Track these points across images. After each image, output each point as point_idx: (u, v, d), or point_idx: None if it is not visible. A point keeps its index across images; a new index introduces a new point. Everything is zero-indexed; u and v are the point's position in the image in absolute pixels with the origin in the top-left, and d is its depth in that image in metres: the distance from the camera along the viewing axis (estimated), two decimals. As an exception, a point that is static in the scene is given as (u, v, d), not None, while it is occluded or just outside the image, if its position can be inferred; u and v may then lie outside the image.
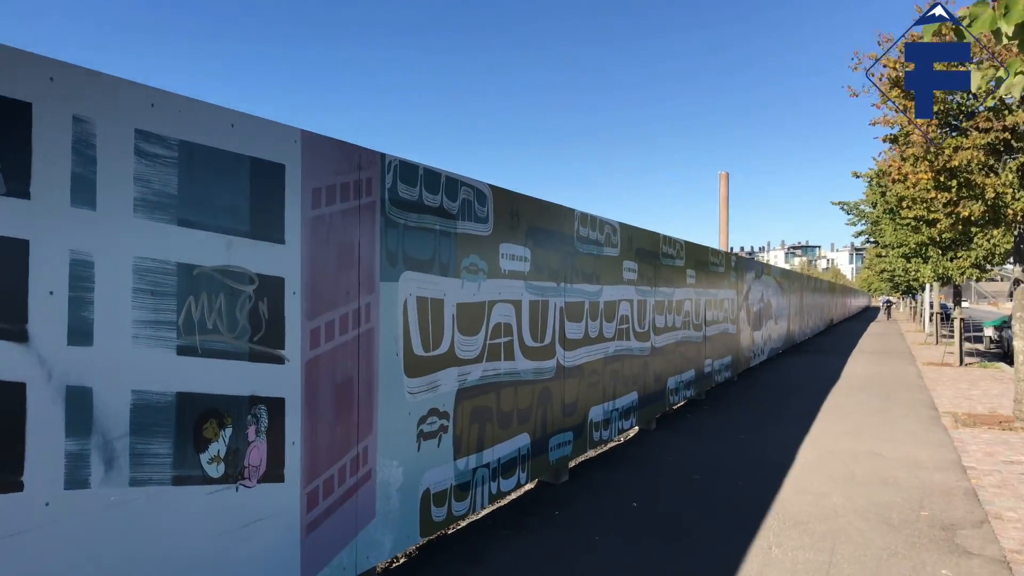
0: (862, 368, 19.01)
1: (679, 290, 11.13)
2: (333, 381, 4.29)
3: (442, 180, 5.35)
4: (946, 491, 7.14)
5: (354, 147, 4.51)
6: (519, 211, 6.45)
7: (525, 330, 6.51)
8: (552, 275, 7.03)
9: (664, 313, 10.40)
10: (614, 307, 8.56)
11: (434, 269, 5.22)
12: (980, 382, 16.12)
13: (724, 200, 29.48)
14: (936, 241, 19.09)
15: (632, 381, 9.18)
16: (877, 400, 13.17)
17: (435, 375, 5.24)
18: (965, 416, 11.42)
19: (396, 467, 4.83)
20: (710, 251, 13.12)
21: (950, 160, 9.71)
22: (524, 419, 6.53)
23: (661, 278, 10.27)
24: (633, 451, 8.84)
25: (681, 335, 11.24)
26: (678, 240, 11.17)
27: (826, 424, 10.67)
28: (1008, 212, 9.80)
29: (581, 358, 7.67)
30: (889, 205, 21.16)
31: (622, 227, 8.86)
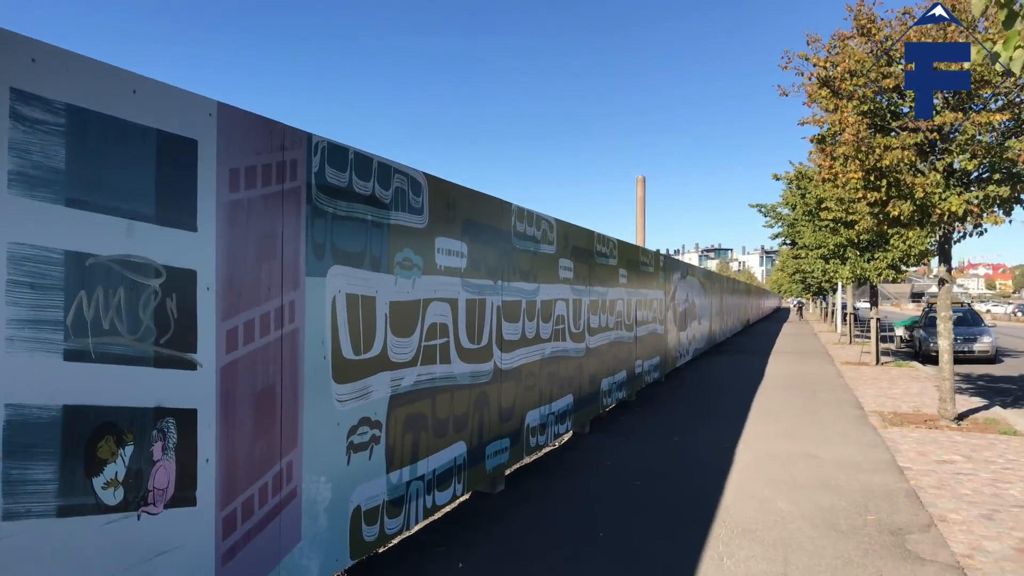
0: (784, 368, 19.23)
1: (612, 290, 10.87)
2: (253, 389, 3.78)
3: (374, 166, 4.88)
4: (888, 493, 7.03)
5: (278, 124, 4.00)
6: (455, 203, 6.02)
7: (462, 331, 6.08)
8: (489, 272, 6.63)
9: (598, 313, 10.12)
10: (551, 307, 8.21)
11: (365, 263, 4.75)
12: (899, 381, 16.47)
13: (641, 203, 29.71)
14: (854, 242, 19.50)
15: (568, 383, 8.85)
16: (804, 400, 13.22)
17: (366, 381, 4.76)
18: (892, 415, 11.52)
19: (324, 483, 4.34)
20: (641, 251, 12.94)
21: (880, 160, 9.72)
22: (460, 426, 6.10)
23: (595, 277, 9.98)
24: (570, 457, 8.51)
25: (614, 336, 10.99)
26: (611, 239, 10.92)
27: (758, 425, 10.57)
28: (936, 212, 9.88)
29: (518, 360, 7.29)
30: (809, 207, 21.55)
31: (558, 224, 8.52)
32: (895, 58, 10.21)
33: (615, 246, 11.07)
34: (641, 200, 29.34)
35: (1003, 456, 8.69)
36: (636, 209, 28.48)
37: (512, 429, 7.18)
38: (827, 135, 11.56)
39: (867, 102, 10.14)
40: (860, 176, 10.13)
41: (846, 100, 10.32)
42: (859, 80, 10.09)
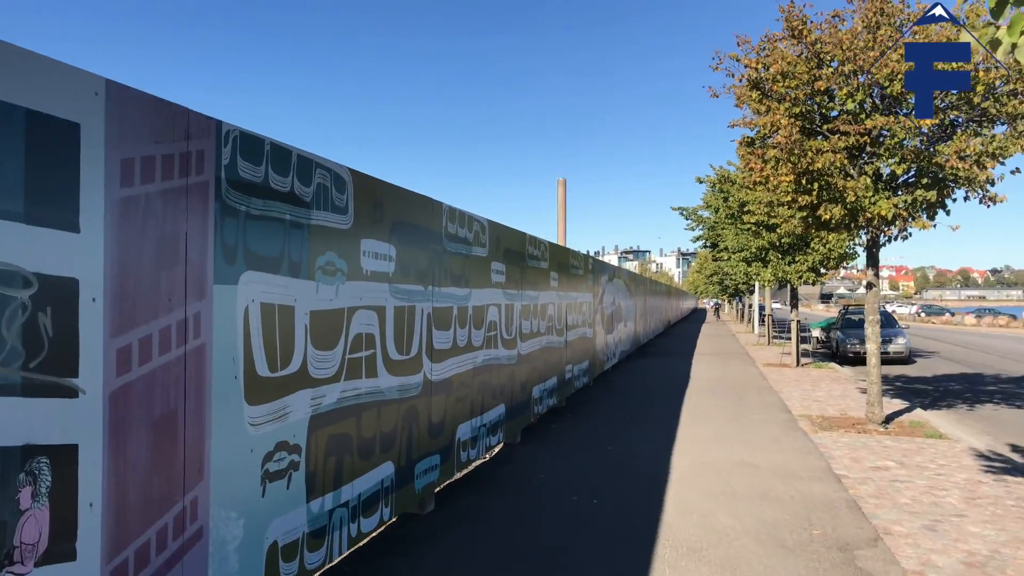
0: (708, 370, 19.29)
1: (544, 293, 10.52)
2: (149, 417, 3.24)
3: (293, 159, 4.36)
4: (829, 505, 6.85)
5: (181, 109, 3.46)
6: (383, 202, 5.53)
7: (390, 341, 5.60)
8: (419, 277, 6.16)
9: (530, 318, 9.75)
10: (483, 312, 7.78)
11: (283, 269, 4.23)
12: (821, 383, 16.65)
13: (562, 205, 29.64)
14: (776, 245, 19.71)
15: (500, 393, 8.44)
16: (732, 403, 13.15)
17: (284, 400, 4.24)
18: (820, 419, 11.51)
19: (235, 520, 3.81)
20: (571, 253, 12.64)
21: (812, 163, 9.64)
22: (388, 445, 5.61)
23: (527, 281, 9.61)
24: (502, 471, 8.09)
25: (545, 341, 10.64)
26: (543, 241, 10.57)
27: (691, 431, 10.38)
28: (865, 216, 9.86)
29: (449, 370, 6.83)
30: (731, 210, 21.71)
31: (491, 225, 8.10)
32: (826, 61, 10.17)
33: (547, 249, 10.73)
34: (562, 202, 29.23)
35: (934, 461, 8.68)
36: (557, 211, 28.34)
37: (443, 445, 6.72)
38: (757, 138, 11.49)
39: (799, 104, 10.05)
40: (792, 179, 10.04)
41: (778, 102, 10.22)
42: (791, 82, 10.00)
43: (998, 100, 9.36)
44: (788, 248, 19.87)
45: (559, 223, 28.53)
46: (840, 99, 9.94)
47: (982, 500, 7.02)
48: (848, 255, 19.33)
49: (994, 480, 7.79)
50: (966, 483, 7.67)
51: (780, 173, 10.11)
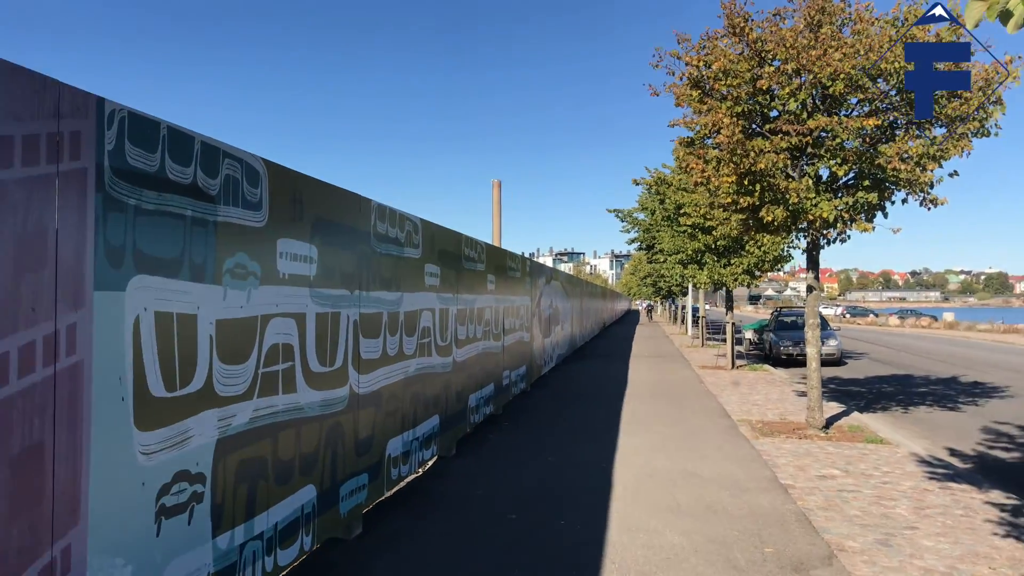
0: (646, 373, 19.10)
1: (480, 297, 10.06)
2: (6, 454, 2.66)
3: (196, 147, 3.81)
4: (779, 519, 6.56)
5: (51, 81, 2.90)
6: (303, 197, 4.99)
7: (311, 352, 5.06)
8: (345, 281, 5.63)
9: (466, 323, 9.27)
10: (415, 318, 7.28)
11: (183, 272, 3.68)
12: (757, 386, 16.59)
13: (497, 206, 29.38)
14: (712, 248, 19.65)
15: (434, 403, 7.94)
16: (672, 409, 12.91)
17: (184, 423, 3.68)
18: (760, 424, 11.33)
19: (122, 567, 3.24)
20: (508, 255, 12.22)
21: (755, 164, 9.41)
22: (309, 467, 5.07)
23: (463, 284, 9.14)
24: (436, 486, 7.60)
25: (482, 346, 10.18)
26: (480, 242, 10.11)
27: (632, 439, 10.05)
28: (807, 218, 9.68)
29: (379, 382, 6.32)
30: (668, 212, 21.62)
31: (424, 225, 7.61)
32: (767, 59, 9.96)
33: (483, 250, 10.27)
34: (497, 203, 28.99)
35: (878, 468, 8.51)
36: (492, 213, 28.03)
37: (371, 463, 6.20)
38: (697, 137, 11.23)
39: (741, 103, 9.82)
40: (734, 180, 9.80)
41: (719, 101, 9.97)
42: (733, 80, 9.76)
43: (937, 102, 9.28)
44: (724, 250, 19.84)
45: (494, 225, 28.20)
46: (782, 99, 9.74)
47: (931, 510, 6.83)
48: (782, 258, 19.41)
49: (939, 488, 7.64)
50: (913, 492, 7.49)
51: (722, 174, 9.86)
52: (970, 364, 23.35)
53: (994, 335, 40.99)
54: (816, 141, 9.79)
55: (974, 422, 12.32)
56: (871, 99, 9.54)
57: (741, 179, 9.79)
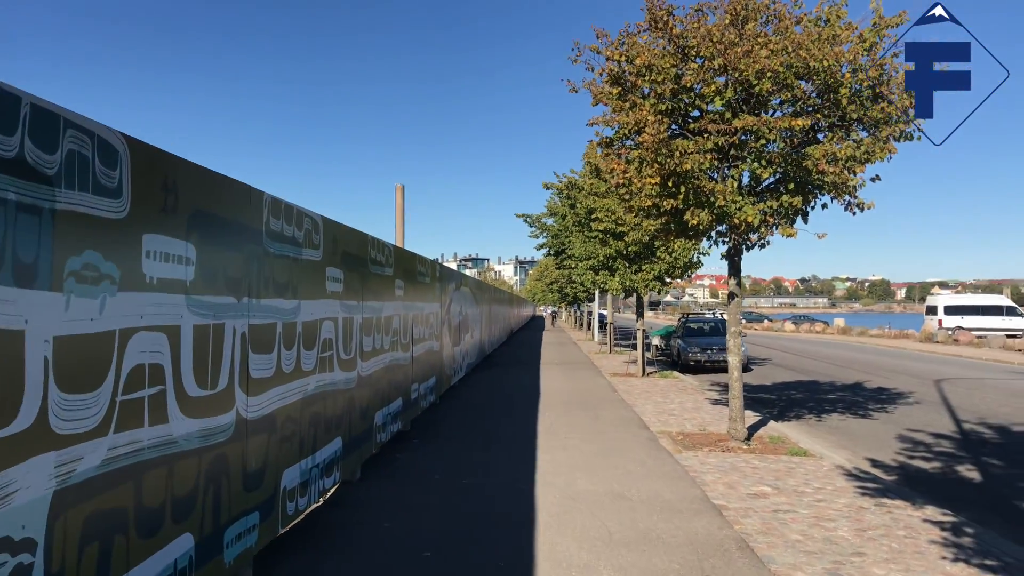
0: (558, 382, 18.59)
1: (388, 304, 9.24)
2: None
3: (24, 111, 2.92)
4: (719, 547, 6.02)
5: None
6: (177, 184, 4.12)
7: (186, 373, 4.18)
8: (231, 287, 4.76)
9: (372, 333, 8.44)
10: (315, 329, 6.42)
11: (2, 275, 2.79)
12: (670, 394, 16.28)
13: (400, 211, 28.63)
14: (623, 254, 19.35)
15: (336, 424, 7.09)
16: (588, 420, 12.37)
17: (5, 475, 2.79)
18: (680, 436, 10.90)
19: None
20: (418, 259, 11.43)
21: (680, 164, 8.94)
22: (185, 512, 4.18)
23: (369, 290, 8.31)
24: (340, 518, 6.75)
25: (389, 358, 9.35)
26: (387, 244, 9.29)
27: (551, 455, 9.42)
28: (733, 221, 9.27)
29: (272, 404, 5.45)
30: (579, 217, 21.22)
31: (326, 224, 6.76)
32: (691, 56, 9.53)
33: (391, 253, 9.46)
34: (400, 208, 28.28)
35: (808, 484, 8.14)
36: (396, 218, 27.21)
37: (264, 498, 5.33)
38: (616, 137, 10.70)
39: (665, 101, 9.35)
40: (658, 182, 9.31)
41: (643, 98, 9.48)
42: (657, 76, 9.27)
43: (862, 104, 9.04)
44: (635, 256, 19.57)
45: (397, 230, 27.33)
46: (707, 97, 9.32)
47: (873, 531, 6.44)
48: (692, 264, 19.25)
49: (875, 505, 7.29)
50: (849, 510, 7.11)
51: (645, 175, 9.36)
52: (870, 369, 23.87)
53: (886, 340, 42.55)
54: (740, 143, 9.41)
55: (888, 430, 12.26)
56: (796, 99, 9.22)
57: (665, 181, 9.31)
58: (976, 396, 16.71)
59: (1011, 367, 24.98)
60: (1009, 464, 9.70)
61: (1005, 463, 9.77)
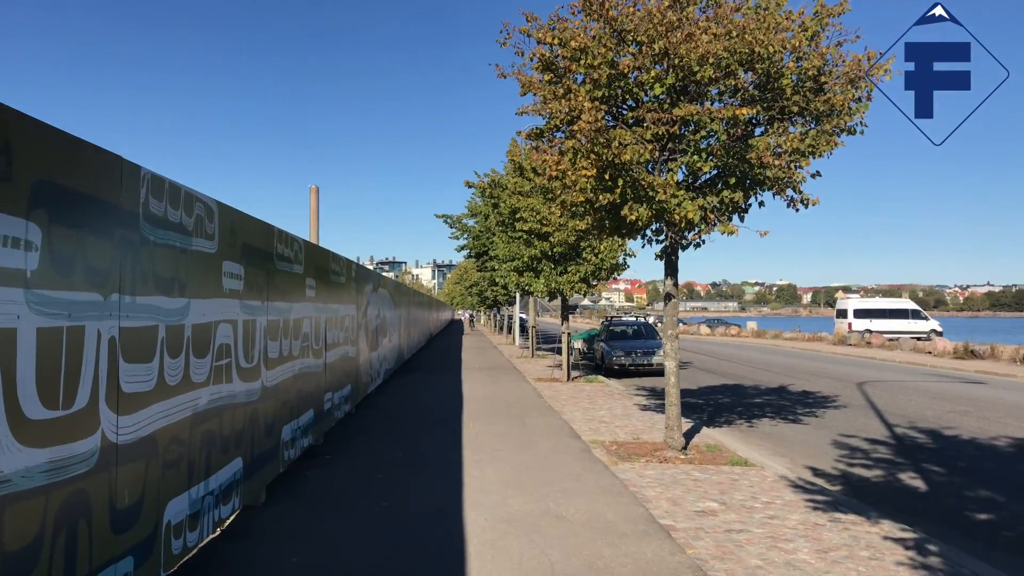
0: (482, 388, 17.82)
1: (298, 305, 8.31)
2: None
3: None
4: (674, 575, 5.36)
5: None
6: (12, 144, 3.18)
7: (27, 390, 3.25)
8: (93, 280, 3.82)
9: (279, 338, 7.51)
10: (209, 333, 5.49)
11: None
12: (597, 399, 15.73)
13: (314, 214, 27.61)
14: (548, 255, 18.75)
15: (236, 443, 6.15)
16: (516, 429, 11.65)
17: None
18: (615, 446, 10.28)
19: None
20: (332, 256, 10.49)
21: (619, 155, 8.31)
22: (25, 570, 3.23)
23: (276, 289, 7.38)
24: (238, 553, 5.81)
25: (299, 365, 8.42)
26: (297, 239, 8.36)
27: (479, 470, 8.65)
28: (673, 217, 8.69)
29: (152, 423, 4.51)
30: (502, 217, 20.51)
31: (222, 210, 5.83)
32: (628, 40, 8.92)
33: (302, 249, 8.53)
34: (314, 211, 27.25)
35: (756, 498, 7.60)
36: (309, 221, 26.17)
37: (140, 538, 4.38)
38: (548, 128, 10.02)
39: (601, 87, 8.71)
40: (594, 174, 8.67)
41: (578, 84, 8.82)
42: (593, 60, 8.62)
43: (805, 95, 8.60)
44: (560, 258, 18.99)
45: (311, 233, 26.23)
46: (646, 84, 8.72)
47: (835, 553, 5.90)
48: (618, 266, 18.78)
49: (830, 521, 6.78)
50: (805, 528, 6.57)
51: (580, 167, 8.70)
52: (791, 372, 23.94)
53: (800, 343, 43.36)
54: (679, 135, 8.85)
55: (822, 436, 11.95)
56: (737, 89, 8.71)
57: (601, 173, 8.67)
58: (900, 399, 16.72)
59: (925, 369, 25.49)
60: (950, 471, 9.42)
61: (945, 470, 9.49)
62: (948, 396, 17.38)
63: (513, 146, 20.24)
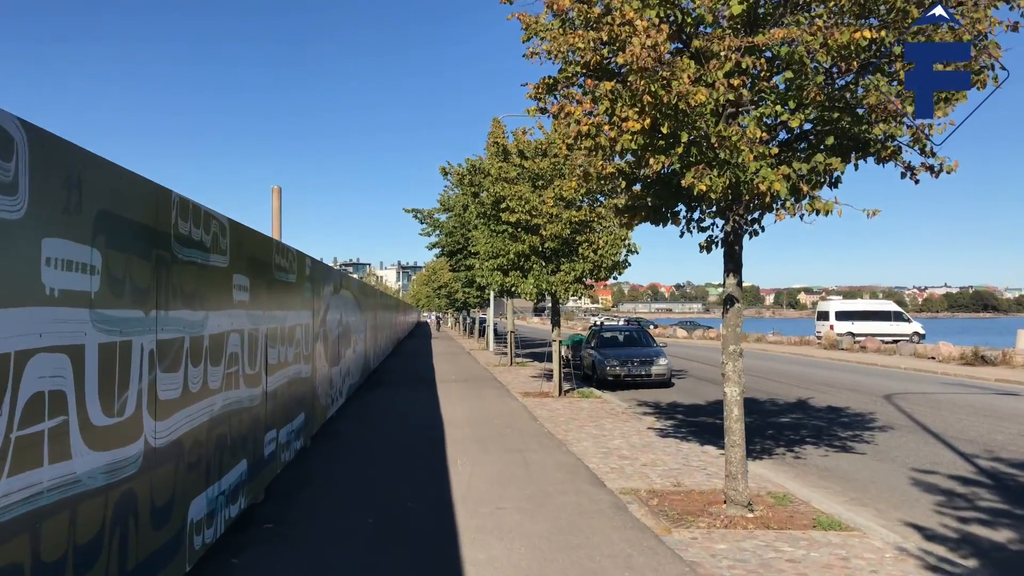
0: (462, 406, 15.18)
1: (217, 315, 5.65)
2: None
3: None
4: None
5: None
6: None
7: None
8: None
9: (181, 365, 4.84)
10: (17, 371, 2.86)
11: None
12: (603, 422, 13.24)
13: (276, 214, 25.20)
14: (538, 251, 16.25)
15: (92, 554, 3.51)
16: (517, 470, 9.09)
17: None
18: (654, 499, 7.78)
19: None
20: (275, 246, 7.83)
21: (689, 97, 5.78)
22: None
23: (175, 292, 4.72)
24: None
25: (222, 402, 5.75)
26: (216, 215, 5.70)
27: (484, 550, 6.07)
28: (760, 188, 6.16)
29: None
30: (484, 208, 17.90)
31: (49, 147, 3.20)
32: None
33: (225, 229, 5.88)
34: (277, 212, 24.87)
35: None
36: (272, 222, 23.91)
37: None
38: (567, 76, 7.43)
39: (653, 5, 6.18)
40: (645, 126, 6.12)
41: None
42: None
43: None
44: (552, 254, 16.49)
45: (274, 234, 23.91)
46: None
47: None
48: (619, 264, 16.27)
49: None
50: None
51: (624, 118, 6.16)
52: (800, 382, 21.67)
53: (788, 347, 41.29)
54: (761, 73, 6.36)
55: (893, 473, 9.63)
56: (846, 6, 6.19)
57: (656, 125, 6.14)
58: (948, 417, 14.45)
59: (940, 378, 23.52)
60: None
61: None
62: (999, 413, 15.16)
63: (496, 127, 17.70)
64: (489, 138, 17.69)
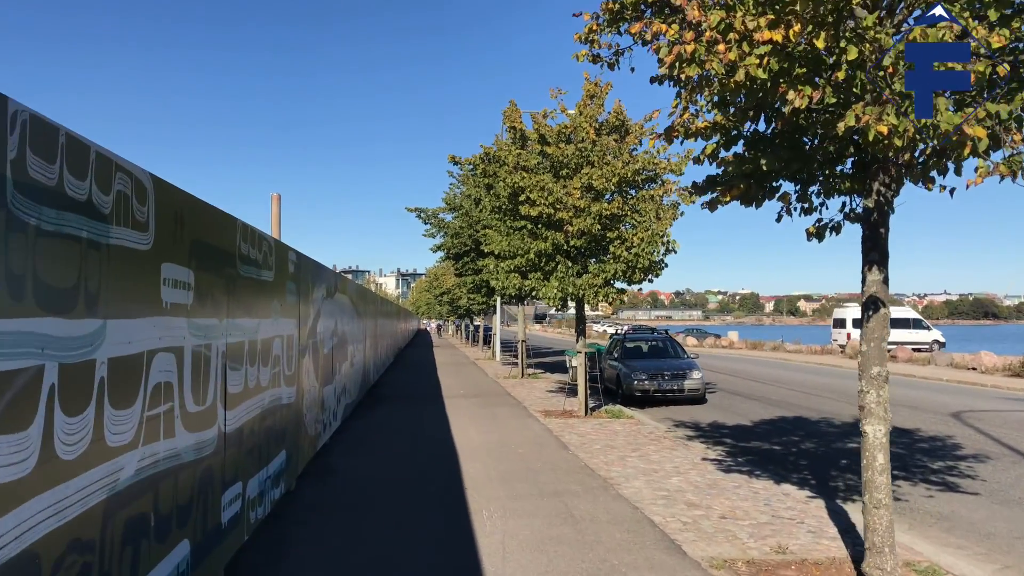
0: (476, 429, 13.20)
1: (142, 323, 3.77)
2: None
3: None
4: None
5: None
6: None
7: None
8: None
9: (83, 407, 2.81)
10: None
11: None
12: (646, 450, 11.30)
13: (276, 222, 23.43)
14: (563, 249, 14.17)
15: None
16: (564, 529, 7.13)
17: None
18: (756, 573, 5.70)
19: None
20: (242, 229, 5.79)
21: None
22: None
23: (111, 299, 2.79)
24: None
25: (150, 457, 3.80)
26: (143, 175, 3.66)
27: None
28: (965, 135, 4.07)
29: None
30: (500, 202, 15.78)
31: None
32: None
33: (149, 200, 3.94)
34: (276, 219, 23.12)
35: None
36: (271, 229, 22.18)
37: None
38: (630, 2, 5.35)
39: None
40: (793, 36, 4.05)
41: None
42: None
43: None
44: (578, 253, 14.41)
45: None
46: None
47: None
48: (655, 265, 14.14)
49: None
50: None
51: (759, 26, 4.08)
52: (842, 396, 19.79)
53: (811, 356, 39.18)
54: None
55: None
56: None
57: (811, 34, 4.06)
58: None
59: (994, 392, 21.71)
60: None
61: None
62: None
63: (512, 110, 15.64)
64: (505, 122, 15.61)
